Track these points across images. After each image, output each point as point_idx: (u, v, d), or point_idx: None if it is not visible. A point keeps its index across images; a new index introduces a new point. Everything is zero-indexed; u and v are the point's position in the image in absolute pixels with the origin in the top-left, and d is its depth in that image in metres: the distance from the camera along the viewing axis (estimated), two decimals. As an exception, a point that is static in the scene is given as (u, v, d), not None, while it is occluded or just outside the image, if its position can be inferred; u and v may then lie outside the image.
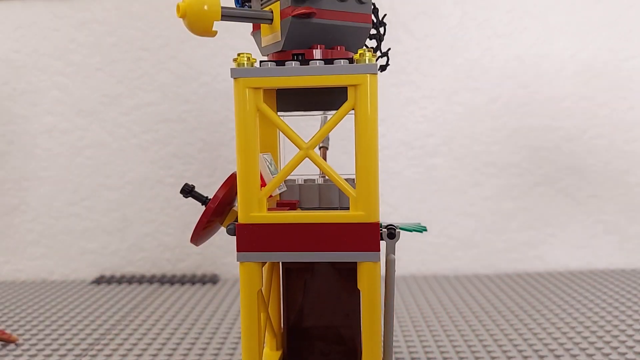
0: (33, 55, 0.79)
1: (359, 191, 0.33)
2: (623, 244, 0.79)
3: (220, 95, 0.78)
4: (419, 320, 0.60)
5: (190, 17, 0.33)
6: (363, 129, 0.33)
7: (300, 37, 0.34)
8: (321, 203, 0.39)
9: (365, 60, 0.32)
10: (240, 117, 0.34)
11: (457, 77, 0.79)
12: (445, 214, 0.80)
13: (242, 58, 0.34)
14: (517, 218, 0.79)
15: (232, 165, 0.79)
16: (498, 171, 0.79)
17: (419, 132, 0.79)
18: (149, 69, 0.78)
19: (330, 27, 0.35)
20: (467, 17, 0.78)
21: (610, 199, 0.79)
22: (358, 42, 0.37)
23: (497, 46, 0.78)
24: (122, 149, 0.79)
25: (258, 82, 0.33)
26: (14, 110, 0.79)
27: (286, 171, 0.34)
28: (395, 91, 0.79)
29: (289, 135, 0.34)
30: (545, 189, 0.79)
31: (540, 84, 0.79)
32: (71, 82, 0.79)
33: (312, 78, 0.33)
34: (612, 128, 0.79)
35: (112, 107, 0.79)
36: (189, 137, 0.79)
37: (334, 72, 0.33)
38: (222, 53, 0.78)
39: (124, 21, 0.78)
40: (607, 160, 0.79)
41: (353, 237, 0.33)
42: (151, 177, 0.79)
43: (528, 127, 0.79)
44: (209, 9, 0.33)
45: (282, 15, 0.34)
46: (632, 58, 0.78)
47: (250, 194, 0.34)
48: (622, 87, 0.78)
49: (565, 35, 0.78)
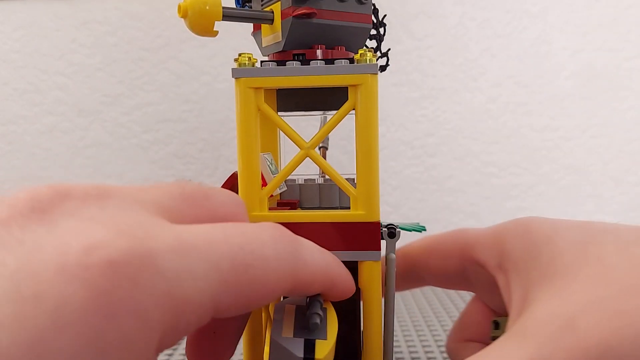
0: (34, 55, 0.79)
1: (360, 190, 0.33)
2: (623, 244, 0.79)
3: (220, 95, 0.79)
4: (419, 320, 0.60)
5: (191, 17, 0.33)
6: (363, 128, 0.33)
7: (301, 38, 0.35)
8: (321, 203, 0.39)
9: (366, 60, 0.32)
10: (241, 117, 0.34)
11: (457, 77, 0.79)
12: (445, 214, 0.80)
13: (243, 58, 0.34)
14: (518, 217, 0.79)
15: (232, 165, 0.79)
16: (498, 171, 0.79)
17: (419, 131, 0.79)
18: (150, 69, 0.78)
19: (331, 27, 0.35)
20: (467, 17, 0.78)
21: (610, 198, 0.80)
22: (358, 43, 0.37)
23: (497, 46, 0.78)
24: (122, 148, 0.79)
25: (259, 82, 0.33)
26: (14, 110, 0.79)
27: (287, 171, 0.34)
28: (395, 91, 0.79)
29: (290, 135, 0.34)
30: (545, 189, 0.79)
31: (540, 84, 0.79)
32: (72, 82, 0.79)
33: (313, 78, 0.33)
34: (612, 128, 0.79)
35: (113, 107, 0.79)
36: (190, 137, 0.79)
37: (335, 72, 0.33)
38: (222, 53, 0.78)
39: (125, 21, 0.78)
40: (607, 160, 0.79)
41: (354, 236, 0.33)
42: (152, 177, 0.79)
43: (528, 126, 0.79)
44: (211, 9, 0.33)
45: (282, 15, 0.34)
46: (632, 58, 0.78)
47: (252, 194, 0.34)
48: (622, 87, 0.79)
49: (565, 35, 0.78)
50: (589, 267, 0.30)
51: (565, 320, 0.27)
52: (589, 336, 0.26)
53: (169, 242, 0.22)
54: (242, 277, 0.23)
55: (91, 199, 0.23)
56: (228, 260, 0.23)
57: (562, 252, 0.32)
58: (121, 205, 0.23)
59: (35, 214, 0.22)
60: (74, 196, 0.23)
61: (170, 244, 0.22)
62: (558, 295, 0.29)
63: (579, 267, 0.30)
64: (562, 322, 0.27)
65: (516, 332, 0.29)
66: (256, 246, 0.24)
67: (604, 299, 0.28)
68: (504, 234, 0.37)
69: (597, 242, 0.31)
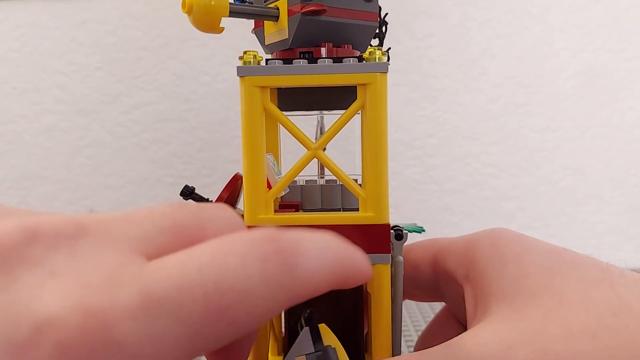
0: (33, 54, 0.78)
1: (369, 192, 0.33)
2: (623, 244, 0.79)
3: (220, 95, 0.78)
4: (419, 320, 0.60)
5: (196, 13, 0.32)
6: (373, 128, 0.32)
7: (308, 35, 0.34)
8: (323, 204, 0.39)
9: (375, 58, 0.32)
10: (246, 116, 0.33)
11: (457, 77, 0.79)
12: (445, 215, 0.80)
13: (248, 56, 0.33)
14: (517, 218, 0.79)
15: (232, 165, 0.79)
16: (498, 171, 0.79)
17: (418, 132, 0.79)
18: (149, 68, 0.78)
19: (339, 25, 0.34)
20: (467, 17, 0.78)
21: (610, 199, 0.80)
22: (364, 41, 0.37)
23: (497, 46, 0.78)
24: (122, 148, 0.79)
25: (265, 80, 0.33)
26: (14, 110, 0.79)
27: (294, 172, 0.34)
28: (395, 91, 0.78)
29: (297, 136, 0.33)
30: (545, 189, 0.79)
31: (540, 84, 0.79)
32: (71, 81, 0.78)
33: (321, 77, 0.32)
34: (612, 128, 0.79)
35: (112, 106, 0.78)
36: (189, 136, 0.79)
37: (344, 70, 0.32)
38: (222, 52, 0.78)
39: (124, 20, 0.77)
40: (607, 161, 0.79)
41: (363, 238, 0.32)
42: (151, 177, 0.79)
43: (528, 127, 0.79)
44: (216, 4, 0.32)
45: (290, 12, 0.34)
46: (632, 58, 0.78)
47: (257, 196, 0.33)
48: (622, 87, 0.79)
49: (565, 35, 0.78)
50: (547, 298, 0.30)
51: (506, 346, 0.28)
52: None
53: (133, 303, 0.19)
54: (219, 323, 0.20)
55: (62, 240, 0.20)
56: (201, 309, 0.20)
57: (527, 275, 0.32)
58: (96, 247, 0.21)
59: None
60: (43, 237, 0.20)
61: (134, 307, 0.19)
62: (510, 318, 0.29)
63: (539, 296, 0.30)
64: (502, 346, 0.28)
65: (456, 345, 0.29)
66: (238, 279, 0.21)
67: (550, 336, 0.28)
68: (475, 243, 0.36)
69: (562, 274, 0.31)
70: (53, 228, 0.21)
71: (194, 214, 0.23)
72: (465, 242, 0.37)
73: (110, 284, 0.20)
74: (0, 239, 0.20)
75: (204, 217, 0.24)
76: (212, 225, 0.24)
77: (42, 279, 0.19)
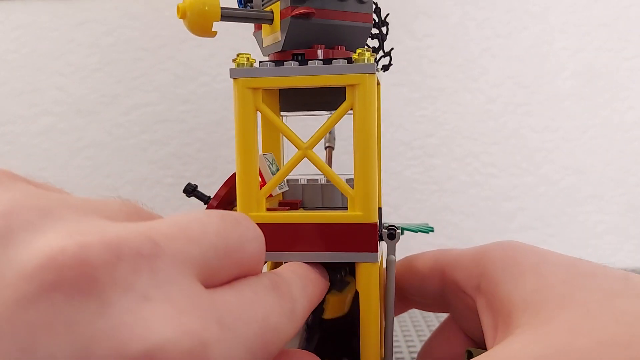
0: (32, 55, 0.78)
1: (357, 191, 0.33)
2: (623, 244, 0.79)
3: (219, 96, 0.78)
4: (419, 320, 0.60)
5: (190, 18, 0.33)
6: (361, 128, 0.33)
7: (300, 37, 0.34)
8: (324, 203, 0.39)
9: (364, 59, 0.32)
10: (239, 117, 0.34)
11: (457, 78, 0.78)
12: (445, 215, 0.80)
13: (241, 58, 0.34)
14: (517, 218, 0.79)
15: (231, 165, 0.79)
16: (498, 171, 0.79)
17: (418, 132, 0.79)
18: (148, 69, 0.78)
19: (330, 26, 0.34)
20: (467, 17, 0.78)
21: (610, 199, 0.79)
22: (359, 42, 0.37)
23: (497, 46, 0.78)
24: (121, 149, 0.79)
25: (257, 82, 0.33)
26: (12, 110, 0.79)
27: (285, 171, 0.34)
28: (395, 91, 0.78)
29: (287, 135, 0.34)
30: (546, 189, 0.79)
31: (540, 84, 0.78)
32: (70, 82, 0.78)
33: (310, 78, 0.33)
34: (612, 128, 0.79)
35: (111, 107, 0.79)
36: (188, 137, 0.79)
37: (332, 72, 0.32)
38: (221, 53, 0.78)
39: (123, 21, 0.78)
40: (607, 160, 0.79)
41: (351, 237, 0.33)
42: (150, 178, 0.79)
43: (528, 127, 0.79)
44: (209, 9, 0.33)
45: (281, 15, 0.34)
46: (632, 57, 0.78)
47: (249, 194, 0.34)
48: (622, 87, 0.78)
49: (565, 35, 0.78)
50: (572, 311, 0.29)
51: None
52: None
53: (221, 332, 0.21)
54: (265, 350, 0.24)
55: (143, 262, 0.20)
56: (259, 341, 0.24)
57: (549, 286, 0.31)
58: (171, 270, 0.21)
59: (85, 283, 0.19)
60: (126, 257, 0.20)
61: (222, 335, 0.21)
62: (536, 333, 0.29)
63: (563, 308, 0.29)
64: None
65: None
66: (280, 327, 0.25)
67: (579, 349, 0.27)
68: (486, 255, 0.36)
69: (583, 285, 0.30)
70: (133, 247, 0.20)
71: (239, 235, 0.25)
72: (474, 253, 0.37)
73: (200, 311, 0.21)
74: (87, 256, 0.19)
75: (245, 238, 0.26)
76: (249, 244, 0.26)
77: (137, 303, 0.19)
